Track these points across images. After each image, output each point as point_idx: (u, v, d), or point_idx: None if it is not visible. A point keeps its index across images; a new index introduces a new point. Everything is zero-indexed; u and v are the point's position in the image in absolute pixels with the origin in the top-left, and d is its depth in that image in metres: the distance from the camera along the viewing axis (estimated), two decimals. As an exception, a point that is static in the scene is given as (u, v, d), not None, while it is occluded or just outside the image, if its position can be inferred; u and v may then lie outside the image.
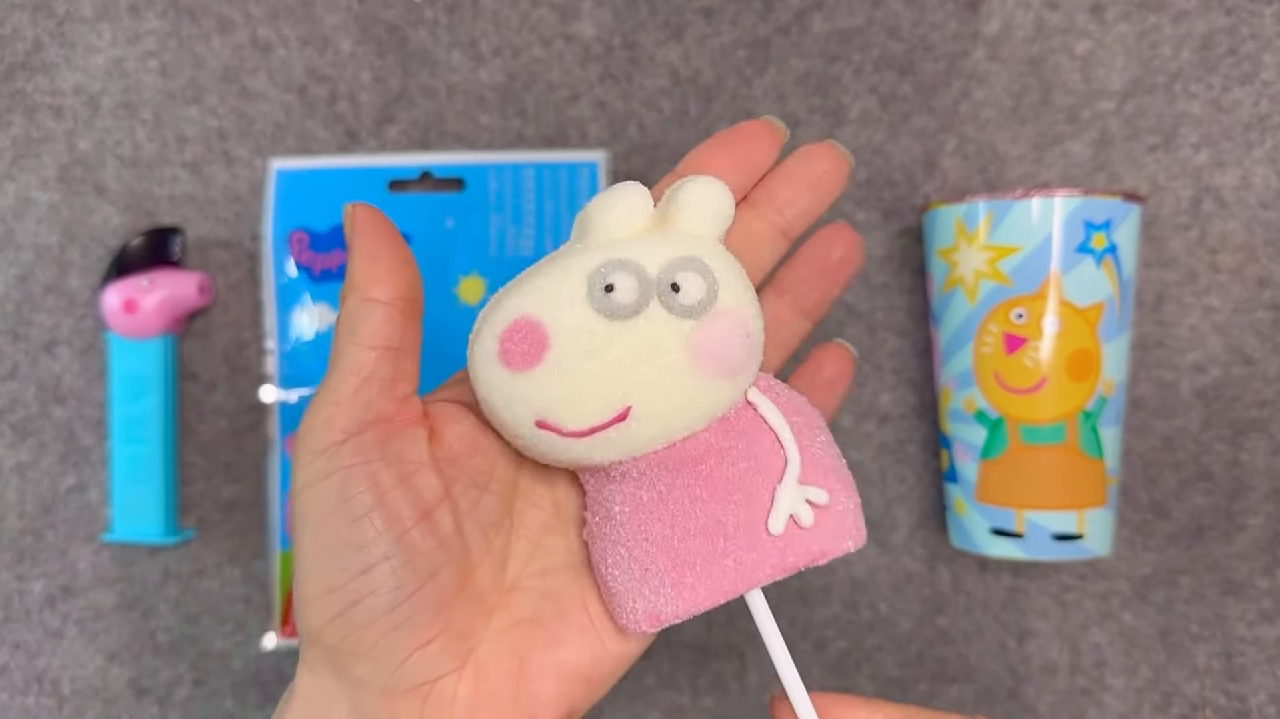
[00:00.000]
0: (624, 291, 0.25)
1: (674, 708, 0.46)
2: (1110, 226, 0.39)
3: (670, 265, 0.25)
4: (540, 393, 0.25)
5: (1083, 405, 0.39)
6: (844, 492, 0.27)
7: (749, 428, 0.26)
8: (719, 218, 0.26)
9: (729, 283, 0.25)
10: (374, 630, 0.25)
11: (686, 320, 0.25)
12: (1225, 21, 0.45)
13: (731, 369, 0.25)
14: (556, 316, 0.25)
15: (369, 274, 0.26)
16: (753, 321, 0.26)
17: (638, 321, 0.25)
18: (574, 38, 0.46)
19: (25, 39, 0.47)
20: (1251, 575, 0.45)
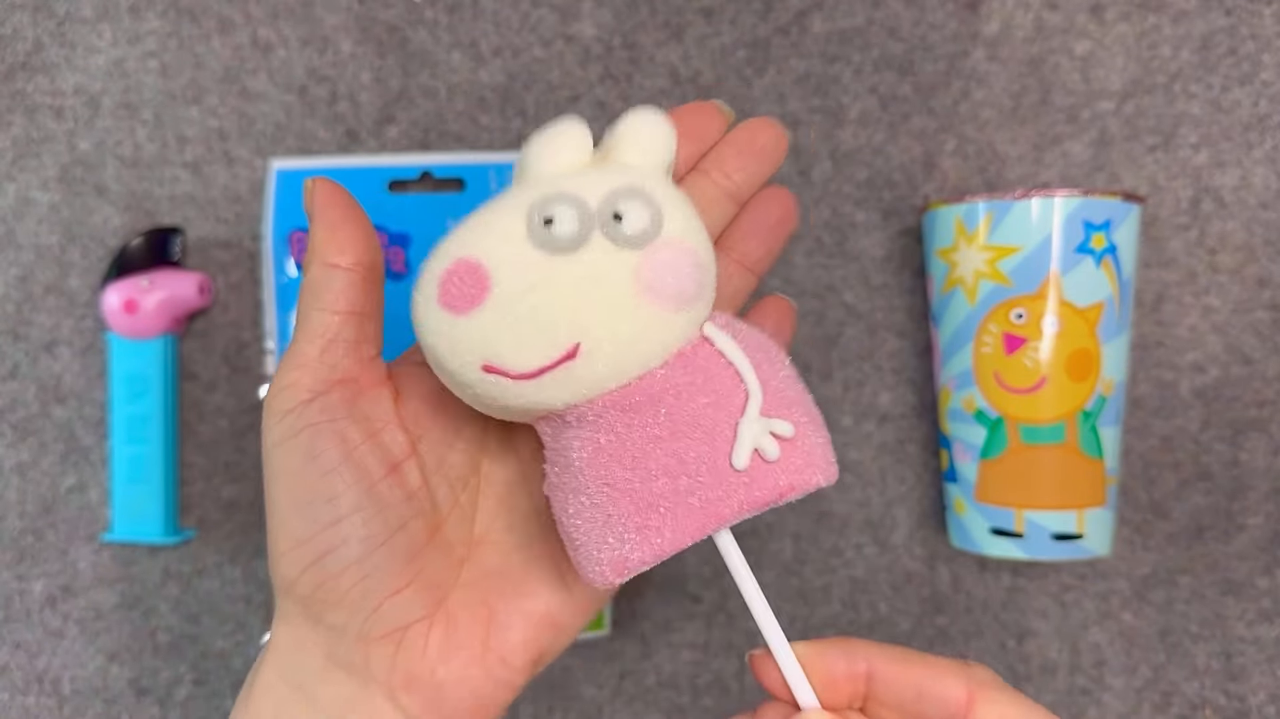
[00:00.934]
0: (564, 223, 0.24)
1: (674, 707, 0.46)
2: (1110, 227, 0.39)
3: (611, 195, 0.24)
4: (484, 334, 0.24)
5: (1082, 405, 0.39)
6: (810, 425, 0.26)
7: (706, 363, 0.25)
8: (660, 148, 0.26)
9: (674, 212, 0.25)
10: (346, 579, 0.26)
11: (631, 250, 0.24)
12: (1225, 22, 0.45)
13: (682, 299, 0.25)
14: (496, 254, 0.24)
15: (330, 241, 0.27)
16: (701, 251, 0.25)
17: (580, 254, 0.24)
18: (574, 38, 0.46)
19: (26, 39, 0.47)
20: (1251, 575, 0.45)
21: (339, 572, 0.26)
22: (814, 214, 0.46)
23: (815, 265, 0.46)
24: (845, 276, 0.46)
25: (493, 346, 0.24)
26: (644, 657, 0.46)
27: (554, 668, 0.46)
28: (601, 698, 0.46)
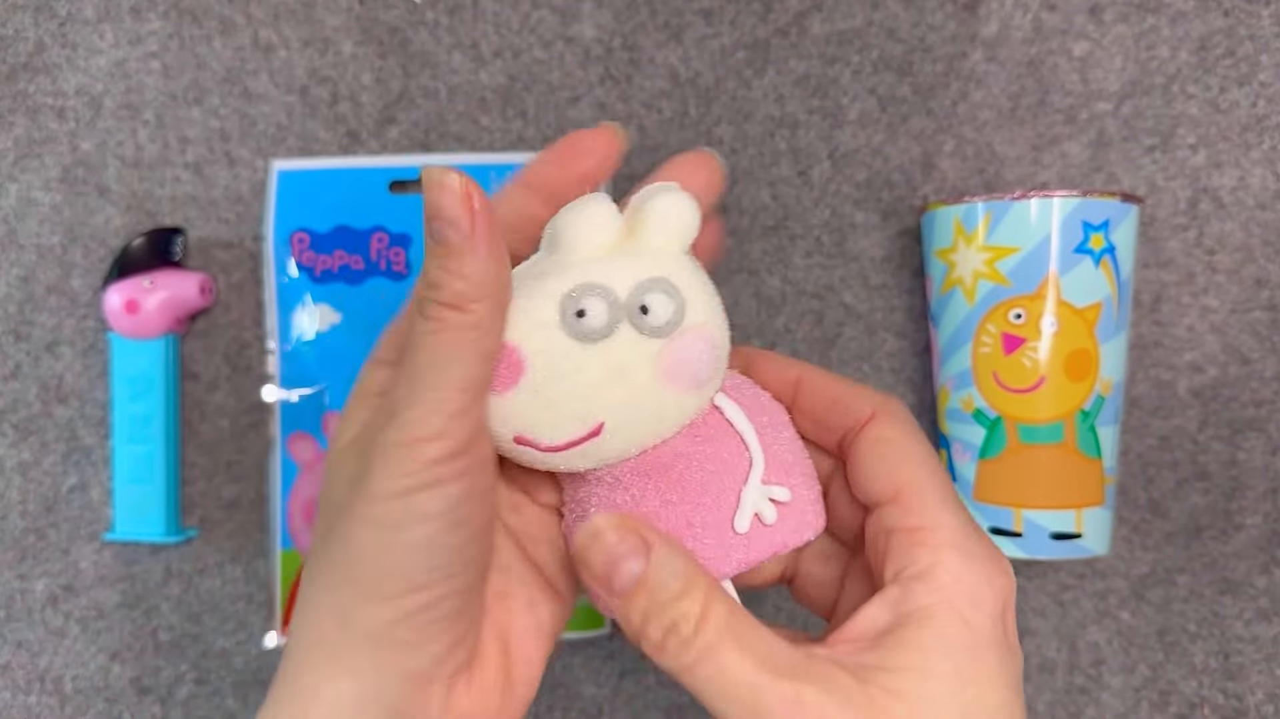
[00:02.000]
0: (595, 316, 0.25)
1: (674, 706, 0.46)
2: (1108, 227, 0.39)
3: (639, 287, 0.26)
4: (517, 414, 0.26)
5: (1080, 405, 0.39)
6: (804, 485, 0.28)
7: (715, 432, 0.28)
8: (684, 231, 0.27)
9: (695, 300, 0.26)
10: (439, 626, 0.26)
11: (655, 340, 0.26)
12: (1223, 23, 0.45)
13: (698, 382, 0.26)
14: (531, 341, 0.26)
15: (497, 277, 0.25)
16: (718, 334, 0.27)
17: (608, 344, 0.26)
18: (574, 39, 0.46)
19: (27, 40, 0.47)
20: (1249, 574, 0.45)
21: (442, 620, 0.25)
22: (813, 215, 0.46)
23: (814, 265, 0.46)
24: (844, 277, 0.46)
25: (524, 422, 0.26)
26: (644, 656, 0.46)
27: (554, 667, 0.46)
28: (601, 697, 0.46)
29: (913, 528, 0.26)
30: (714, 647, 0.24)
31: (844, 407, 0.28)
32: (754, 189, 0.46)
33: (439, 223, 0.24)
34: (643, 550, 0.25)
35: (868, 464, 0.27)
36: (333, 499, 0.26)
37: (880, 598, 0.25)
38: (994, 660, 0.24)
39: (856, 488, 0.28)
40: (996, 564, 0.25)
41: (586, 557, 0.25)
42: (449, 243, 0.24)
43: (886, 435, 0.27)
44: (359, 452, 0.25)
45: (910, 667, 0.24)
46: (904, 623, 0.24)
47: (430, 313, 0.24)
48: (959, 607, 0.24)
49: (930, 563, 0.25)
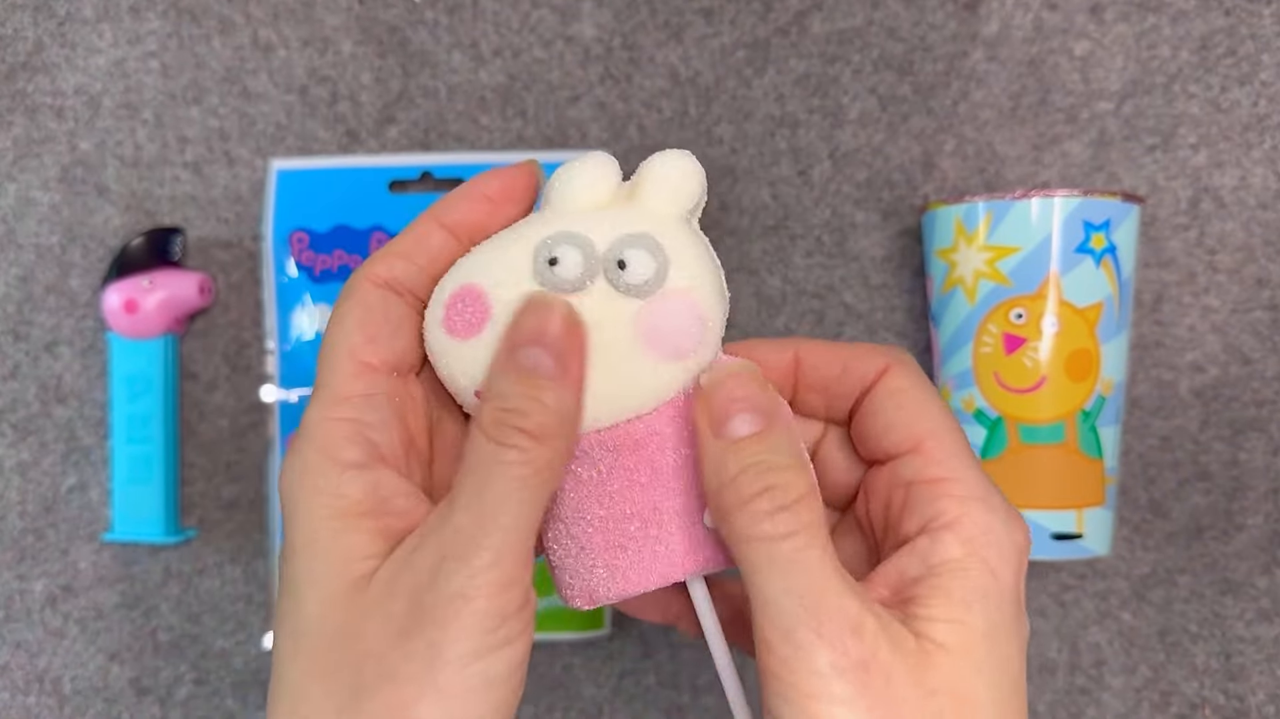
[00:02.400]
0: (567, 266, 0.24)
1: (674, 707, 0.46)
2: (1109, 227, 0.39)
3: (619, 241, 0.24)
4: (478, 363, 0.24)
5: (1082, 405, 0.39)
6: None
7: None
8: (685, 194, 0.25)
9: (683, 262, 0.25)
10: None
11: (633, 299, 0.24)
12: (1224, 22, 0.45)
13: (679, 352, 0.25)
14: (499, 287, 0.24)
15: (574, 417, 0.23)
16: (706, 304, 0.25)
17: (581, 298, 0.24)
18: (574, 39, 0.46)
19: (26, 39, 0.47)
20: (1250, 575, 0.45)
21: None
22: (814, 214, 0.46)
23: (815, 265, 0.46)
24: (845, 277, 0.46)
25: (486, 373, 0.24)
26: (644, 656, 0.46)
27: (554, 667, 0.46)
28: (601, 697, 0.46)
29: (936, 479, 0.25)
30: (803, 530, 0.22)
31: (852, 371, 0.27)
32: (754, 188, 0.46)
33: (538, 349, 0.22)
34: (774, 412, 0.24)
35: (884, 415, 0.26)
36: (362, 647, 0.22)
37: (908, 549, 0.24)
38: (1013, 616, 0.24)
39: (870, 442, 0.27)
40: (1016, 518, 0.25)
41: (718, 389, 0.24)
42: (543, 371, 0.22)
43: (901, 386, 0.26)
44: (396, 588, 0.22)
45: (951, 618, 0.23)
46: (936, 572, 0.23)
47: (511, 440, 0.22)
48: (988, 558, 0.23)
49: (958, 514, 0.24)
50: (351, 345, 0.24)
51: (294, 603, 0.23)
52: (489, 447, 0.22)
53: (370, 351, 0.24)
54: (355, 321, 0.25)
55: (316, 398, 0.24)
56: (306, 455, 0.24)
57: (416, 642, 0.21)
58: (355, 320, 0.25)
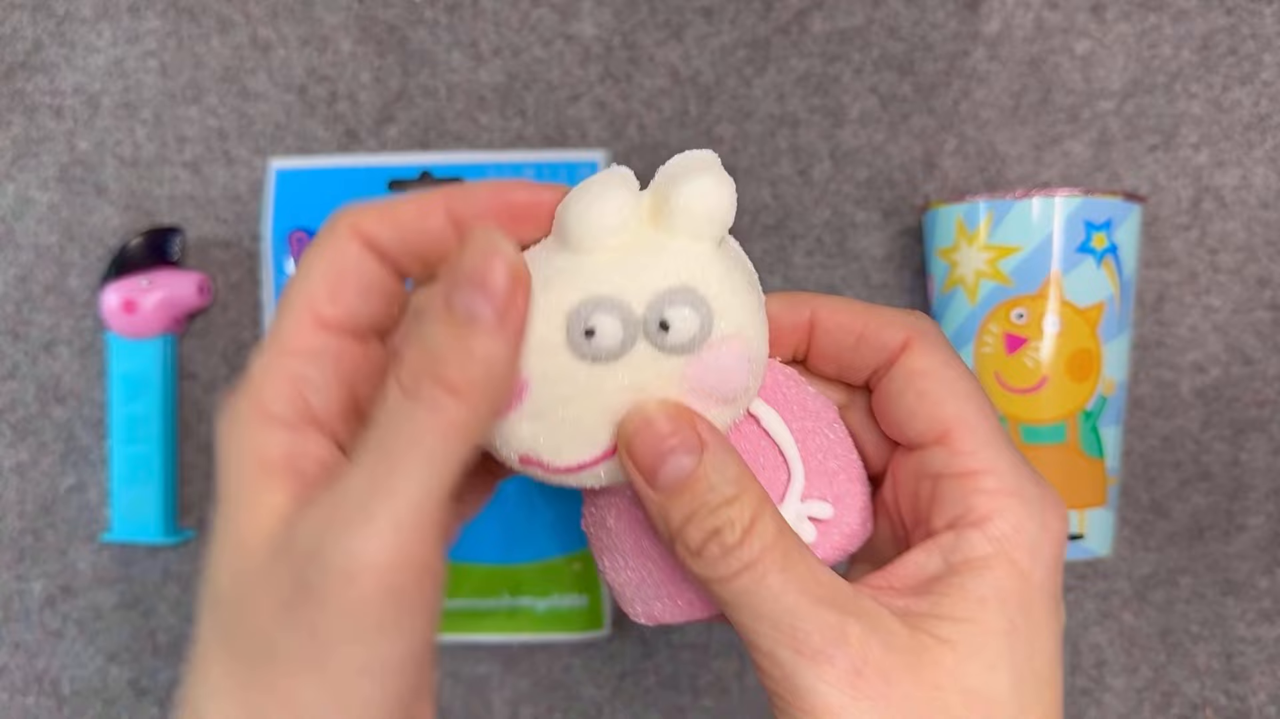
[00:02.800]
0: (607, 335, 0.22)
1: (674, 708, 0.46)
2: (1111, 226, 0.39)
3: (658, 299, 0.22)
4: (520, 436, 0.23)
5: (1083, 405, 0.39)
6: (849, 494, 0.26)
7: (749, 443, 0.25)
8: (715, 221, 0.23)
9: (728, 308, 0.23)
10: None
11: (678, 357, 0.23)
12: (1225, 21, 0.45)
13: (729, 397, 0.24)
14: (533, 363, 0.22)
15: (505, 375, 0.21)
16: (755, 344, 0.23)
17: (623, 363, 0.23)
18: (574, 37, 0.46)
19: (25, 39, 0.47)
20: (1251, 575, 0.45)
21: None
22: (814, 214, 0.46)
23: (815, 265, 0.46)
24: (845, 276, 0.46)
25: (529, 444, 0.23)
26: (644, 657, 0.46)
27: (554, 668, 0.46)
28: (601, 698, 0.46)
29: (966, 472, 0.23)
30: (758, 561, 0.22)
31: (870, 342, 0.25)
32: (755, 188, 0.46)
33: (475, 292, 0.20)
34: (696, 446, 0.22)
35: (905, 402, 0.24)
36: (254, 618, 0.20)
37: (931, 545, 0.23)
38: (1045, 613, 0.23)
39: (891, 427, 0.25)
40: (1054, 507, 0.23)
41: (633, 443, 0.23)
42: (478, 319, 0.20)
43: (924, 367, 0.24)
44: (283, 555, 0.20)
45: (963, 617, 0.22)
46: (957, 571, 0.23)
47: (426, 392, 0.20)
48: (1017, 557, 0.22)
49: (988, 510, 0.23)
50: (311, 297, 0.22)
51: (210, 562, 0.22)
52: (399, 399, 0.20)
53: (330, 308, 0.22)
54: (321, 273, 0.22)
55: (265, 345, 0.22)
56: (239, 405, 0.22)
57: (299, 619, 0.19)
58: (321, 272, 0.22)
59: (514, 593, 0.44)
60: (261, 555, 0.20)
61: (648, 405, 0.23)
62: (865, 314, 0.25)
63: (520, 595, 0.44)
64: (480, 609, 0.44)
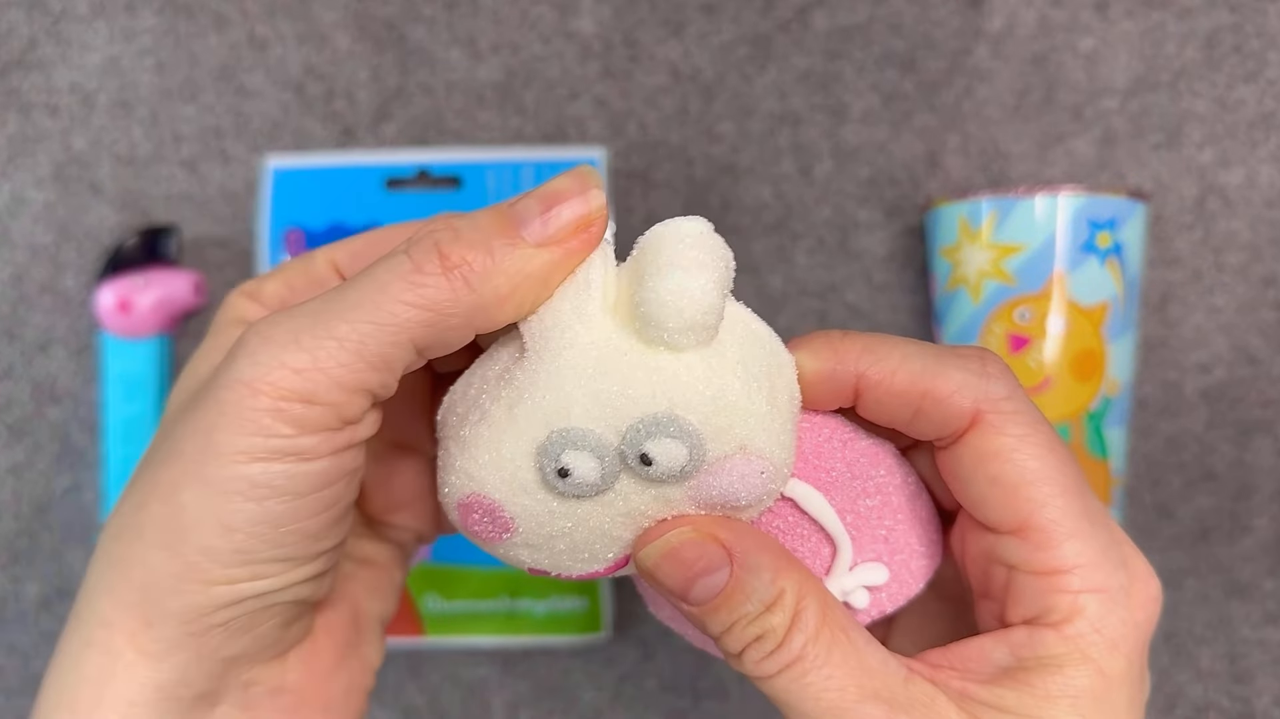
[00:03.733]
0: (581, 474, 0.20)
1: (674, 711, 0.45)
2: (1115, 225, 0.38)
3: (634, 430, 0.20)
4: (520, 560, 0.22)
5: (1087, 406, 0.38)
6: (909, 545, 0.24)
7: (787, 524, 0.23)
8: (700, 326, 0.19)
9: (720, 428, 0.20)
10: (270, 613, 0.23)
11: (674, 485, 0.21)
12: (1230, 19, 0.45)
13: (746, 506, 0.22)
14: (511, 501, 0.21)
15: (529, 300, 0.20)
16: (765, 455, 0.21)
17: (612, 496, 0.21)
18: (573, 35, 0.46)
19: (20, 36, 0.47)
20: (1257, 577, 0.44)
21: (276, 607, 0.23)
22: (816, 212, 0.45)
23: (817, 264, 0.45)
24: (848, 276, 0.45)
25: (530, 565, 0.22)
26: (644, 660, 0.45)
27: (553, 671, 0.45)
28: (601, 701, 0.45)
29: (1046, 571, 0.21)
30: (799, 659, 0.21)
31: (929, 416, 0.22)
32: (756, 186, 0.45)
33: (537, 205, 0.19)
34: (725, 561, 0.21)
35: (976, 488, 0.22)
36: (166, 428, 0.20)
37: (1001, 638, 0.22)
38: (1124, 700, 0.21)
39: (961, 500, 0.23)
40: (1143, 591, 0.22)
41: (659, 575, 0.22)
42: (527, 229, 0.19)
43: (995, 448, 0.21)
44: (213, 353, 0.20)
45: (1029, 715, 0.21)
46: (1027, 667, 0.21)
47: (421, 257, 0.19)
48: (1095, 655, 0.21)
49: (1069, 612, 0.21)
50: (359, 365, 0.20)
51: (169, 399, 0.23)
52: (398, 254, 0.19)
53: (369, 375, 0.20)
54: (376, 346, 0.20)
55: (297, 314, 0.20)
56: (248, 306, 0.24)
57: (199, 418, 0.19)
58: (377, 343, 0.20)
59: (513, 595, 0.44)
60: (206, 374, 0.21)
61: (669, 536, 0.21)
62: (925, 377, 0.22)
63: (519, 598, 0.44)
64: (479, 612, 0.44)
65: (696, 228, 0.20)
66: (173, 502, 0.19)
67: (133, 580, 0.20)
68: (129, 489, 0.21)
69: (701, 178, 0.46)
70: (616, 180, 0.45)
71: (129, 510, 0.20)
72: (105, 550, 0.21)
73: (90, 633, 0.20)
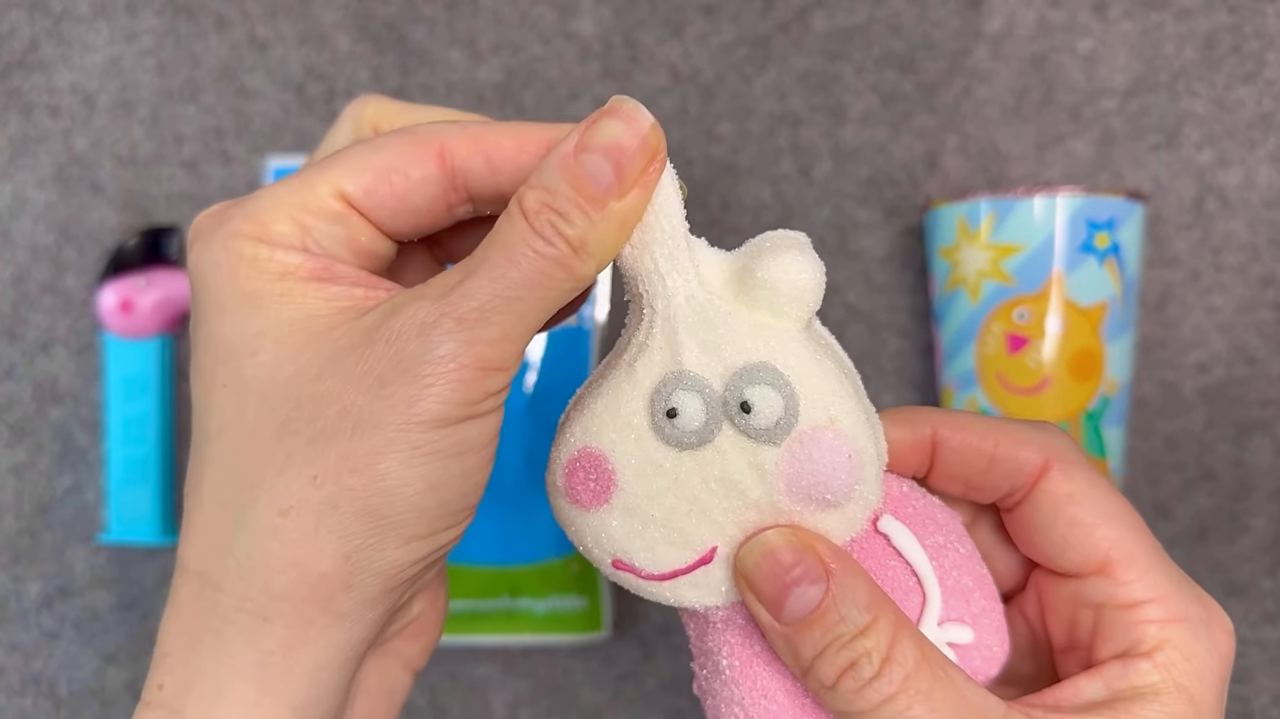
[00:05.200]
0: (689, 416, 0.21)
1: (674, 710, 0.45)
2: (1113, 225, 0.38)
3: (737, 377, 0.21)
4: (612, 535, 0.22)
5: (1086, 406, 0.38)
6: (987, 614, 0.24)
7: (877, 562, 0.23)
8: (803, 300, 0.22)
9: (815, 391, 0.21)
10: (432, 570, 0.24)
11: (766, 446, 0.21)
12: (1228, 20, 0.45)
13: (834, 501, 0.22)
14: (620, 450, 0.22)
15: (612, 249, 0.22)
16: (855, 434, 0.22)
17: (711, 451, 0.22)
18: (573, 35, 0.46)
19: (22, 37, 0.47)
20: (1255, 577, 0.44)
21: (438, 563, 0.24)
22: (815, 213, 0.46)
23: (816, 264, 0.45)
24: (847, 276, 0.45)
25: (621, 545, 0.23)
26: (644, 659, 0.46)
27: (553, 670, 0.46)
28: (601, 701, 0.46)
29: (1131, 603, 0.22)
30: (900, 693, 0.21)
31: (1004, 465, 0.24)
32: (755, 187, 0.46)
33: (606, 162, 0.20)
34: (822, 574, 0.21)
35: (1056, 532, 0.23)
36: (327, 394, 0.20)
37: (1097, 674, 0.22)
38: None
39: (1037, 553, 0.24)
40: (1221, 627, 0.23)
41: (754, 577, 0.22)
42: (604, 187, 0.20)
43: (1069, 492, 0.23)
44: (377, 336, 0.20)
45: None
46: (1123, 697, 0.22)
47: (550, 235, 0.20)
48: (1187, 684, 0.22)
49: (1158, 641, 0.22)
50: (345, 181, 0.22)
51: (231, 353, 0.21)
52: (528, 230, 0.20)
53: (364, 199, 0.22)
54: (371, 167, 0.22)
55: (270, 191, 0.22)
56: (236, 224, 0.22)
57: (396, 393, 0.20)
58: (373, 166, 0.22)
59: (513, 595, 0.44)
60: (329, 340, 0.21)
61: (767, 534, 0.22)
62: (994, 433, 0.24)
63: (519, 597, 0.44)
64: (479, 611, 0.44)
65: (804, 236, 0.23)
66: (372, 471, 0.20)
67: (325, 552, 0.20)
68: (263, 479, 0.21)
69: (701, 178, 0.46)
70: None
71: (294, 488, 0.20)
72: (260, 539, 0.21)
73: (264, 609, 0.21)
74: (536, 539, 0.44)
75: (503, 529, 0.44)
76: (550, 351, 0.44)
